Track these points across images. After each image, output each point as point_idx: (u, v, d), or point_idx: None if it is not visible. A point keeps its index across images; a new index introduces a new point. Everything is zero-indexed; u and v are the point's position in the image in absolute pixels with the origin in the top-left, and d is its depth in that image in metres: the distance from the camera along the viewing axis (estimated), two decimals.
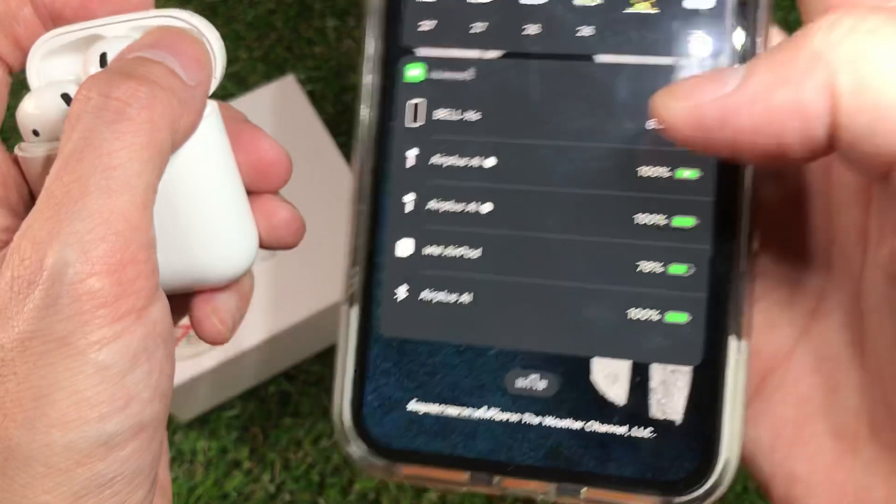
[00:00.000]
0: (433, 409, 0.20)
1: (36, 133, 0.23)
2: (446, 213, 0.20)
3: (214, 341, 0.25)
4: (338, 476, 0.39)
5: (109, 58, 0.22)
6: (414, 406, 0.20)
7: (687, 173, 0.19)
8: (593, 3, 0.19)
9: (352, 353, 0.21)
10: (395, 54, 0.21)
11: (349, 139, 0.51)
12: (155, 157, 0.20)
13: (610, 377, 0.19)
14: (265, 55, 0.50)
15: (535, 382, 0.20)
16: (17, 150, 0.23)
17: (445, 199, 0.21)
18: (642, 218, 0.19)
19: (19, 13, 0.23)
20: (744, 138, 0.17)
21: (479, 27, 0.21)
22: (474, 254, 0.20)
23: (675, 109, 0.17)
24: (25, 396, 0.19)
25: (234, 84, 0.49)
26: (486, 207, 0.20)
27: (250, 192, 0.24)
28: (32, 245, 0.19)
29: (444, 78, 0.21)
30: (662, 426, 0.19)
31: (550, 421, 0.19)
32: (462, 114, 0.21)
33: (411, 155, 0.21)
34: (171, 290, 0.23)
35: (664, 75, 0.19)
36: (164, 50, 0.21)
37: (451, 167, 0.20)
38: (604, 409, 0.19)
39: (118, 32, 0.23)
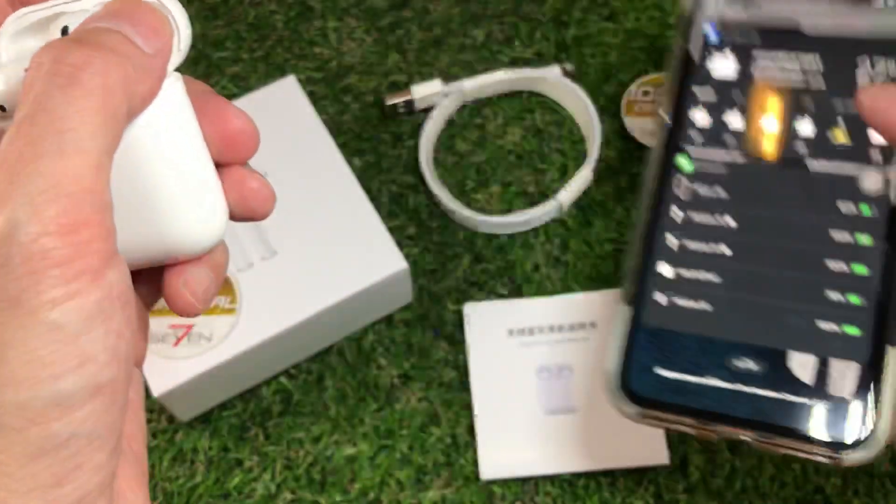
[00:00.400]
0: (676, 375, 0.29)
1: (3, 108, 0.23)
2: (696, 251, 0.31)
3: (187, 314, 0.24)
4: (338, 475, 0.39)
5: (70, 31, 0.22)
6: (662, 372, 0.29)
7: (864, 216, 0.30)
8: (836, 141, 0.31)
9: (623, 336, 0.30)
10: (676, 151, 0.33)
11: (349, 139, 0.52)
12: (108, 121, 0.19)
13: (802, 365, 0.28)
14: (266, 56, 0.50)
15: (748, 364, 0.29)
16: None
17: (697, 241, 0.31)
18: (831, 264, 0.29)
19: None
20: None
21: (731, 141, 0.32)
22: (712, 277, 0.30)
23: (873, 93, 0.27)
24: None
25: (235, 84, 0.49)
26: (724, 249, 0.31)
27: (220, 164, 0.24)
28: None
29: (701, 168, 0.32)
30: (836, 401, 0.27)
31: (757, 391, 0.28)
32: (713, 191, 0.31)
33: (678, 212, 0.32)
34: (140, 263, 0.23)
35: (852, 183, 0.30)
36: (121, 20, 0.21)
37: (703, 223, 0.31)
38: (795, 386, 0.28)
39: (82, 8, 0.22)
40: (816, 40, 0.33)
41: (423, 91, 0.47)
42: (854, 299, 0.29)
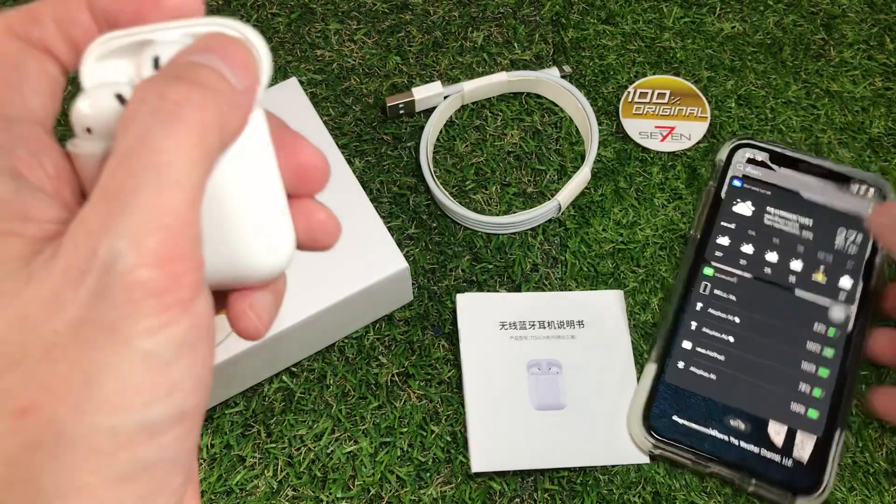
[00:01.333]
0: (686, 423, 0.39)
1: (89, 131, 0.24)
2: (710, 334, 0.41)
3: (252, 336, 0.26)
4: (340, 472, 0.40)
5: (162, 61, 0.22)
6: (676, 419, 0.39)
7: (830, 337, 0.41)
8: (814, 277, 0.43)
9: (648, 388, 0.40)
10: (702, 262, 0.43)
11: (350, 141, 0.52)
12: (204, 156, 0.20)
13: (776, 431, 0.39)
14: None
15: (739, 423, 0.39)
16: (69, 146, 0.24)
17: (711, 328, 0.42)
18: (804, 365, 0.41)
19: (77, 17, 0.24)
20: None
21: (743, 262, 0.43)
22: (720, 356, 0.41)
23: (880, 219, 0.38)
24: (75, 380, 0.19)
25: None
26: (731, 338, 0.41)
27: (289, 196, 0.25)
28: (86, 235, 0.19)
29: (719, 276, 0.43)
30: (798, 461, 0.38)
31: (744, 444, 0.39)
32: (726, 294, 0.42)
33: (699, 304, 0.42)
34: (212, 286, 0.24)
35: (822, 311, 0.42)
36: (214, 54, 0.22)
37: (717, 315, 0.42)
38: (770, 445, 0.39)
39: (170, 38, 0.23)
40: (811, 205, 0.44)
41: (424, 93, 0.47)
42: (817, 392, 0.40)
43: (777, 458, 0.38)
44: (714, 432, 0.39)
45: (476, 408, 0.40)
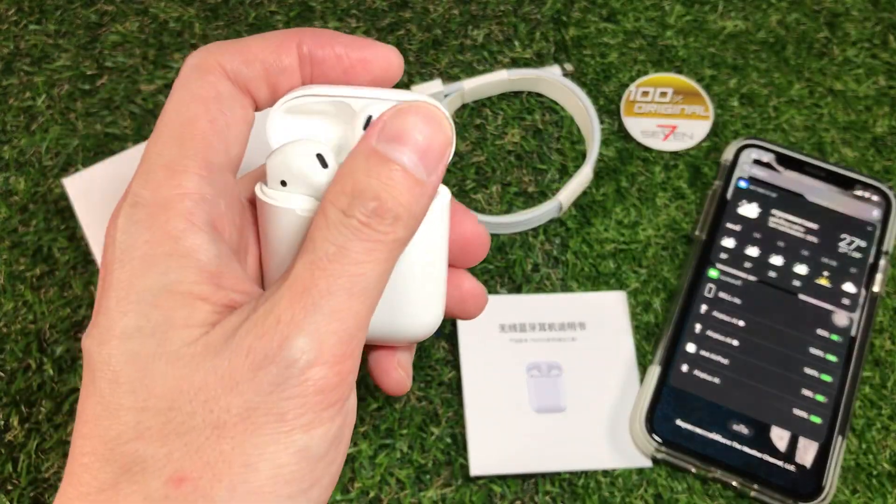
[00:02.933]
0: (689, 427, 0.39)
1: (283, 184, 0.24)
2: (714, 338, 0.41)
3: (400, 391, 0.28)
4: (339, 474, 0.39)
5: (373, 120, 0.23)
6: (679, 423, 0.39)
7: (833, 341, 0.41)
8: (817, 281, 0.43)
9: (651, 391, 0.40)
10: (706, 264, 0.43)
11: None
12: (392, 263, 0.22)
13: (779, 436, 0.39)
14: None
15: (742, 429, 0.39)
16: (259, 194, 0.25)
17: (715, 331, 0.41)
18: (807, 370, 0.40)
19: (285, 63, 0.24)
20: None
21: (748, 265, 0.43)
22: (724, 360, 0.41)
23: None
24: (236, 461, 0.20)
25: None
26: (735, 341, 0.41)
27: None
28: (276, 324, 0.20)
29: (724, 279, 0.43)
30: (800, 466, 0.38)
31: (746, 449, 0.39)
32: (731, 297, 0.42)
33: (704, 307, 0.42)
34: (367, 340, 0.26)
35: (826, 313, 0.42)
36: (407, 146, 0.22)
37: (721, 318, 0.42)
38: (773, 450, 0.39)
39: (363, 105, 0.24)
40: (816, 208, 0.44)
41: (424, 91, 0.47)
42: (820, 398, 0.40)
43: (779, 463, 0.38)
44: (717, 437, 0.39)
45: (475, 410, 0.40)
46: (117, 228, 0.22)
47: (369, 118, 0.24)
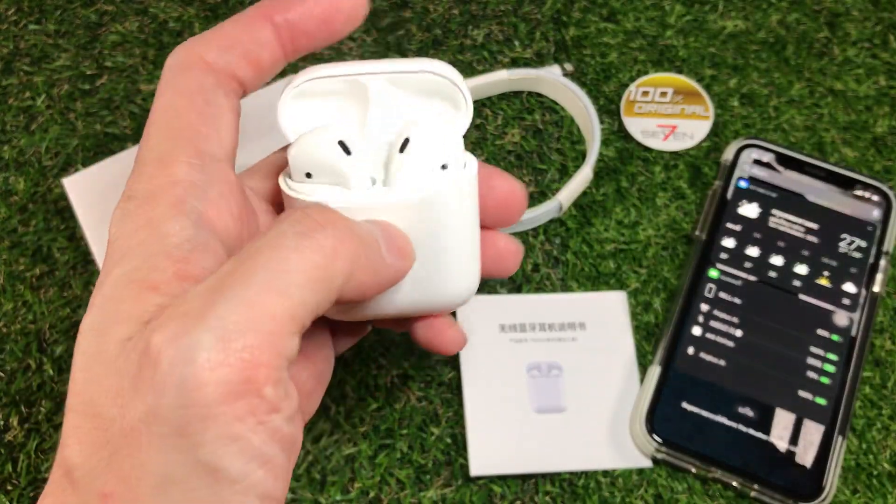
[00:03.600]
0: (689, 427, 0.39)
1: (309, 175, 0.24)
2: (714, 338, 0.41)
3: (459, 347, 0.28)
4: (339, 475, 0.39)
5: (412, 146, 0.24)
6: (680, 423, 0.39)
7: (833, 342, 0.41)
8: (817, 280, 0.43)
9: (652, 391, 0.40)
10: (707, 265, 0.43)
11: None
12: (322, 281, 0.20)
13: (779, 437, 0.39)
14: None
15: (747, 411, 0.39)
16: (284, 187, 0.25)
17: (715, 332, 0.41)
18: (808, 373, 0.40)
19: (261, 36, 0.24)
20: None
21: (748, 265, 0.43)
22: (724, 360, 0.41)
23: None
24: (148, 480, 0.18)
25: None
26: (735, 342, 0.41)
27: (482, 228, 0.27)
28: (181, 316, 0.18)
29: (724, 279, 0.43)
30: (800, 466, 0.38)
31: (746, 448, 0.39)
32: (731, 297, 0.42)
33: (705, 307, 0.42)
34: (409, 313, 0.27)
35: (826, 314, 0.42)
36: (379, 228, 0.23)
37: (722, 318, 0.42)
38: (772, 450, 0.39)
39: (378, 85, 0.24)
40: (816, 208, 0.44)
41: None
42: (820, 399, 0.40)
43: (780, 463, 0.38)
44: (717, 437, 0.39)
45: (475, 410, 0.40)
46: (112, 223, 0.22)
47: (406, 140, 0.24)
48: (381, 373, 0.42)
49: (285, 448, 0.19)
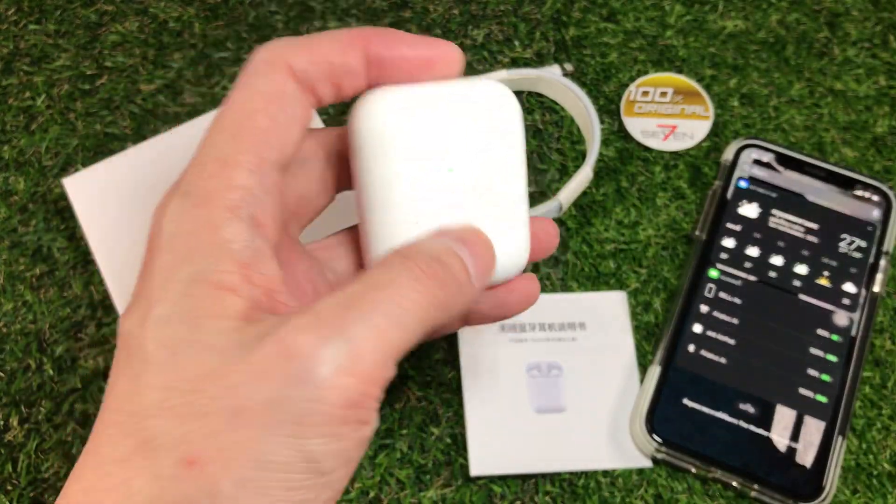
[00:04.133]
0: (690, 427, 0.39)
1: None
2: (715, 338, 0.41)
3: (534, 297, 0.29)
4: None
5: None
6: (680, 423, 0.39)
7: (833, 342, 0.41)
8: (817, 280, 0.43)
9: (652, 391, 0.40)
10: (707, 264, 0.43)
11: None
12: (430, 320, 0.23)
13: (779, 437, 0.39)
14: None
15: (748, 407, 0.39)
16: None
17: (715, 331, 0.41)
18: (809, 371, 0.40)
19: (351, 63, 0.25)
20: None
21: (748, 265, 0.43)
22: (724, 360, 0.41)
23: None
24: (247, 456, 0.20)
25: None
26: (735, 342, 0.41)
27: None
28: (316, 325, 0.21)
29: (724, 279, 0.43)
30: (800, 466, 0.38)
31: (746, 448, 0.38)
32: (731, 297, 0.42)
33: (704, 307, 0.42)
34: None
35: (826, 314, 0.42)
36: (467, 248, 0.25)
37: (722, 318, 0.42)
38: (772, 450, 0.39)
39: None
40: (816, 209, 0.44)
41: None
42: (820, 398, 0.40)
43: (779, 463, 0.38)
44: (717, 437, 0.39)
45: (475, 410, 0.40)
46: (165, 216, 0.23)
47: None
48: None
49: (361, 456, 0.23)
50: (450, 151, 0.26)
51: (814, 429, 0.39)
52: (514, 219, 0.28)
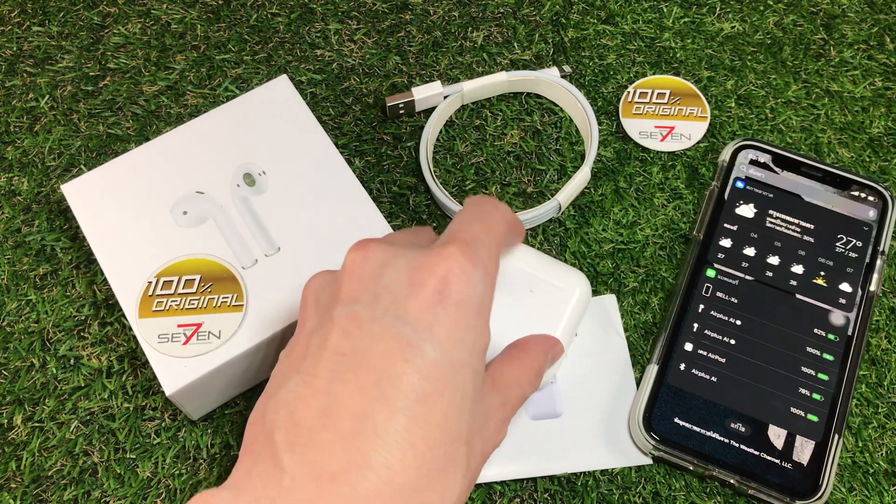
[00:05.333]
0: (687, 425, 0.39)
1: None
2: (712, 336, 0.42)
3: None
4: None
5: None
6: (677, 421, 0.39)
7: (830, 341, 0.42)
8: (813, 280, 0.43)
9: (649, 390, 0.40)
10: (704, 264, 0.43)
11: (350, 141, 0.52)
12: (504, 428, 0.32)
13: (776, 435, 0.39)
14: (268, 58, 0.50)
15: (739, 427, 0.39)
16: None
17: (712, 330, 0.42)
18: (804, 369, 0.41)
19: None
20: None
21: (745, 264, 0.43)
22: (721, 359, 0.41)
23: None
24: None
25: (237, 87, 0.49)
26: (732, 340, 0.41)
27: None
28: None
29: (721, 279, 0.43)
30: (797, 464, 0.39)
31: (744, 447, 0.39)
32: (728, 297, 0.42)
33: (701, 306, 0.42)
34: None
35: (823, 313, 0.42)
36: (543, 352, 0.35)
37: (719, 317, 0.42)
38: (770, 448, 0.39)
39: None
40: (813, 209, 0.45)
41: (424, 92, 0.47)
42: (817, 396, 0.40)
43: (777, 461, 0.39)
44: (715, 435, 0.39)
45: None
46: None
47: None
48: None
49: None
50: None
51: (810, 427, 0.39)
52: None
